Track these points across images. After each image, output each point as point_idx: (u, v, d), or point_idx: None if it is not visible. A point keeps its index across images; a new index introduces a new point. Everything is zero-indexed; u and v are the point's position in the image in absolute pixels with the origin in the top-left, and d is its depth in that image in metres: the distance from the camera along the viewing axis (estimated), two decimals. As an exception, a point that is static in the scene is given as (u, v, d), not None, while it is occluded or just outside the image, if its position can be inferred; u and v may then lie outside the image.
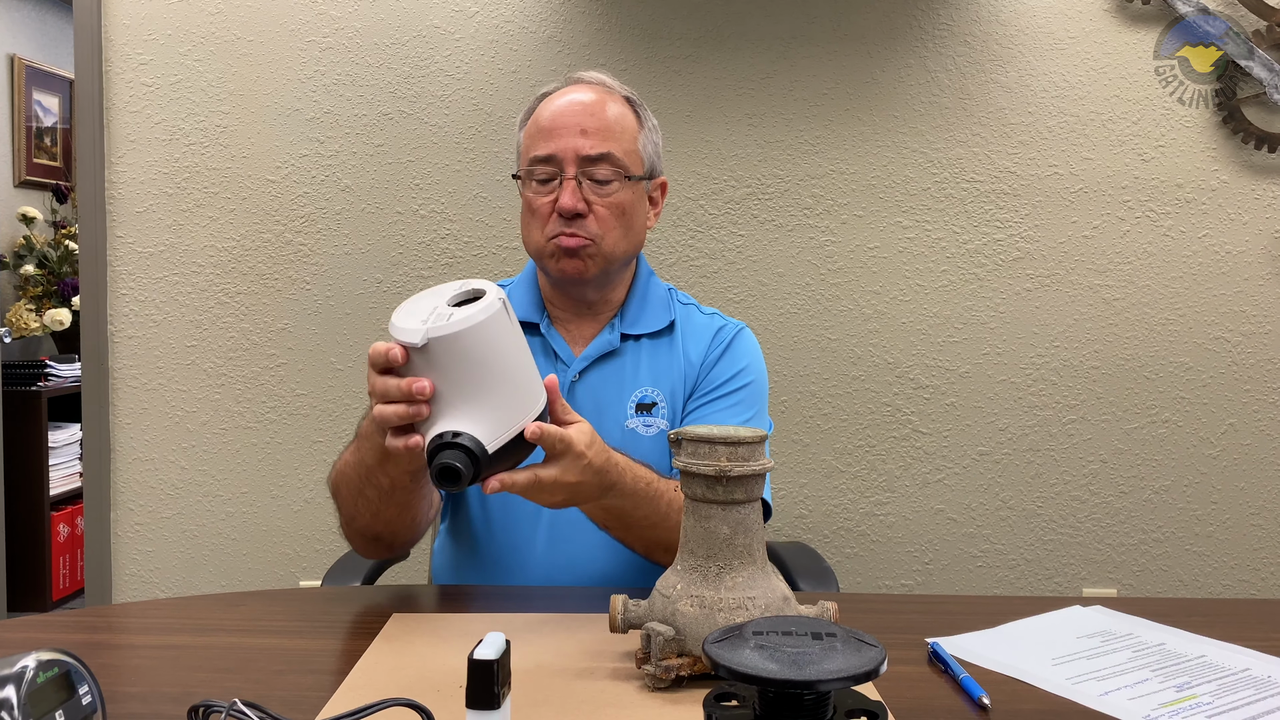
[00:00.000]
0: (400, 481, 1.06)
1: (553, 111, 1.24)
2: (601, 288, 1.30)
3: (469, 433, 0.87)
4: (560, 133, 1.22)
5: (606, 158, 1.22)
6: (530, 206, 1.25)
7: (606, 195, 1.23)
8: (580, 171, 1.22)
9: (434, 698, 0.85)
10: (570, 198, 1.21)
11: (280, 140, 2.02)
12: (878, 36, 1.99)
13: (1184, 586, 2.04)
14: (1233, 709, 0.86)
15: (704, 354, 1.31)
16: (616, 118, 1.25)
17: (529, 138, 1.26)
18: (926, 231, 2.01)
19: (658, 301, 1.33)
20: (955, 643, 1.01)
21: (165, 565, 2.07)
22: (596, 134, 1.22)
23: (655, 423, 1.27)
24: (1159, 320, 2.01)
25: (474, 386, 0.89)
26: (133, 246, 2.04)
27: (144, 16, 2.01)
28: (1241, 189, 1.99)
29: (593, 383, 1.28)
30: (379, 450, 1.01)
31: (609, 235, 1.23)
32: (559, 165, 1.22)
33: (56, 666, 0.67)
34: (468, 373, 0.89)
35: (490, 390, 0.89)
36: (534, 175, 1.24)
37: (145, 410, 2.05)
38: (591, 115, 1.23)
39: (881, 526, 2.05)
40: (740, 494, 0.89)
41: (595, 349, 1.29)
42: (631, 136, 1.26)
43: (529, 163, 1.24)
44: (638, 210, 1.27)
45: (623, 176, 1.23)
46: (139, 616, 1.11)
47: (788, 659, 0.66)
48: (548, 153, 1.22)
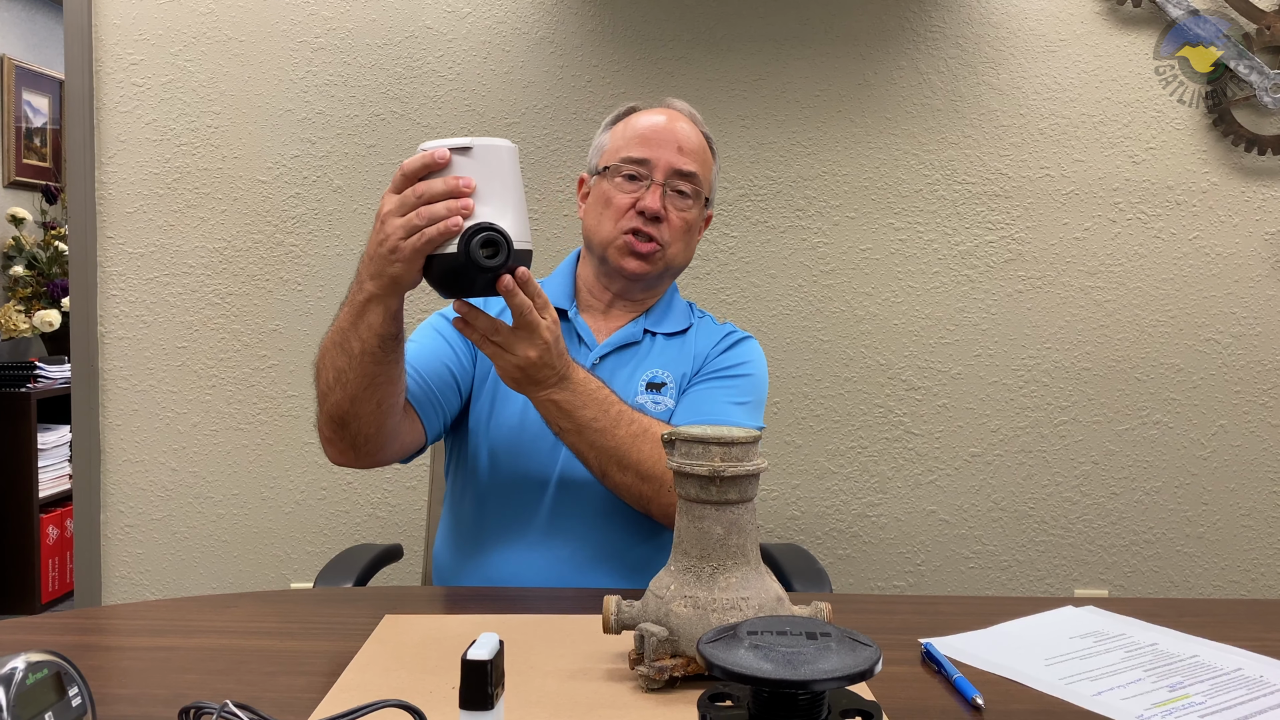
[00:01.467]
0: (369, 345, 1.10)
1: (653, 123, 1.35)
2: (648, 289, 1.40)
3: (501, 225, 1.00)
4: (659, 144, 1.33)
5: (693, 178, 1.34)
6: (609, 199, 1.34)
7: (683, 210, 1.34)
8: (667, 182, 1.32)
9: (427, 699, 0.84)
10: (655, 200, 1.31)
11: (272, 141, 2.02)
12: (870, 39, 2.00)
13: (1175, 587, 2.05)
14: (1225, 709, 0.86)
15: (711, 346, 1.41)
16: (703, 147, 1.38)
17: (623, 139, 1.36)
18: (918, 233, 2.01)
19: (680, 310, 1.44)
20: (948, 643, 1.01)
21: (156, 567, 2.06)
22: (690, 155, 1.34)
23: (663, 400, 1.34)
24: (1150, 322, 2.02)
25: (504, 194, 1.02)
26: (123, 247, 2.03)
27: (135, 16, 2.00)
28: (1232, 191, 2.00)
29: (610, 365, 1.36)
30: (357, 307, 1.08)
31: (675, 245, 1.35)
32: (651, 170, 1.32)
33: (46, 668, 0.66)
34: (502, 181, 1.02)
35: (515, 204, 1.03)
36: (622, 172, 1.33)
37: (135, 412, 2.04)
38: (688, 138, 1.35)
39: (874, 528, 2.05)
40: (734, 494, 0.89)
41: (619, 338, 1.37)
42: (709, 168, 1.39)
43: (623, 160, 1.34)
44: (696, 230, 1.40)
45: (700, 196, 1.36)
46: (129, 618, 1.11)
47: (782, 659, 0.66)
48: (644, 156, 1.32)
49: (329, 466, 2.04)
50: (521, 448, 1.30)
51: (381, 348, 1.11)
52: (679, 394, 1.35)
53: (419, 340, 1.34)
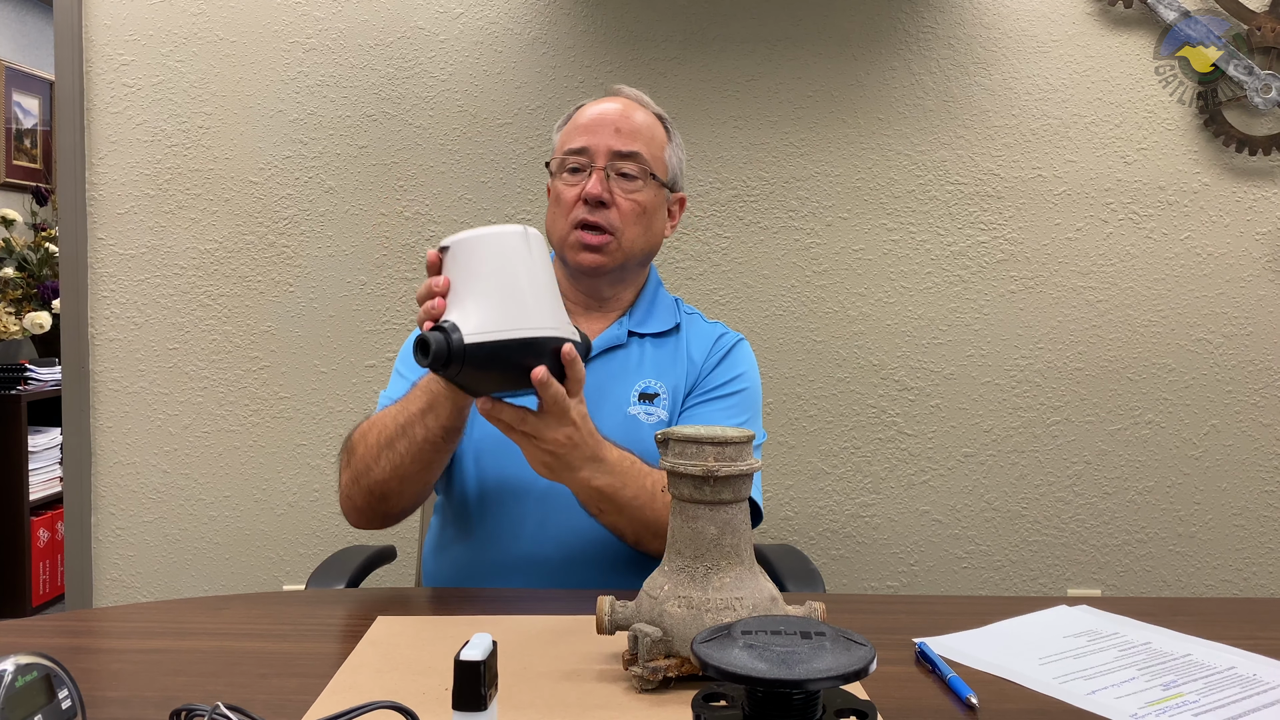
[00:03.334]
0: (434, 435, 1.13)
1: (593, 113, 1.33)
2: (615, 284, 1.35)
3: (454, 322, 0.98)
4: (596, 129, 1.30)
5: (635, 156, 1.29)
6: (558, 196, 1.32)
7: (631, 192, 1.30)
8: (609, 165, 1.29)
9: (420, 700, 0.84)
10: (597, 184, 1.28)
11: (263, 142, 2.01)
12: (862, 39, 2.00)
13: (1167, 586, 2.05)
14: (1219, 707, 0.86)
15: (704, 356, 1.37)
16: (648, 125, 1.33)
17: (565, 135, 1.34)
18: (911, 234, 2.02)
19: (665, 307, 1.40)
20: (942, 643, 1.01)
21: (147, 570, 2.05)
22: (629, 134, 1.30)
23: (656, 412, 1.32)
24: (1142, 322, 2.03)
25: (472, 288, 1.00)
26: (114, 248, 2.02)
27: (125, 17, 1.99)
28: (1223, 191, 2.00)
29: (597, 371, 1.31)
30: (427, 396, 1.11)
31: (629, 230, 1.30)
32: (590, 157, 1.29)
33: (35, 670, 0.66)
34: (471, 275, 1.00)
35: (485, 294, 1.00)
36: (565, 165, 1.31)
37: (127, 414, 2.04)
38: (626, 119, 1.31)
39: (867, 528, 2.05)
40: (728, 494, 0.89)
41: (603, 341, 1.34)
42: (660, 145, 1.34)
43: (565, 153, 1.32)
44: (658, 213, 1.34)
45: (648, 175, 1.31)
46: (120, 620, 1.10)
47: (776, 658, 0.66)
48: (581, 145, 1.30)
49: (321, 468, 2.03)
50: (509, 451, 1.27)
51: (445, 439, 1.14)
52: (675, 408, 1.33)
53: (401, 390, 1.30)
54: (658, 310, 1.38)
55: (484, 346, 0.97)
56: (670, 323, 1.37)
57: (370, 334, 2.02)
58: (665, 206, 1.37)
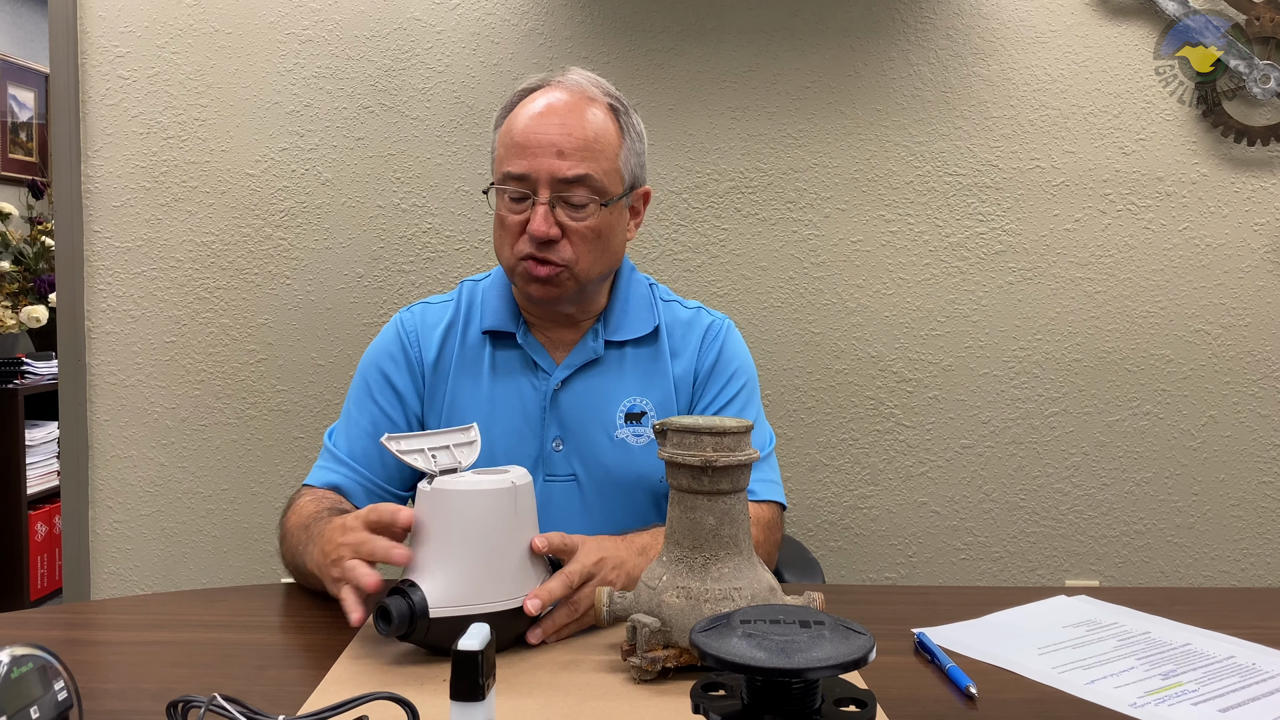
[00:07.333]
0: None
1: (528, 123, 1.17)
2: (578, 302, 1.25)
3: (423, 590, 0.89)
4: (535, 151, 1.15)
5: (584, 180, 1.15)
6: (502, 222, 1.20)
7: (582, 220, 1.17)
8: (555, 195, 1.15)
9: (418, 691, 0.84)
10: (542, 223, 1.14)
11: (259, 134, 2.00)
12: (860, 30, 1.99)
13: (1165, 577, 2.05)
14: (1218, 695, 0.86)
15: (694, 361, 1.29)
16: (596, 133, 1.17)
17: (504, 147, 1.19)
18: (909, 225, 2.01)
19: (640, 305, 1.29)
20: (941, 633, 1.01)
21: (144, 564, 2.05)
22: (574, 154, 1.15)
23: (645, 432, 1.25)
24: (1140, 313, 2.02)
25: (444, 548, 0.92)
26: (110, 242, 2.01)
27: (120, 9, 1.99)
28: (1222, 182, 2.00)
29: (577, 392, 1.25)
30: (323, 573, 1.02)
31: (583, 259, 1.18)
32: (532, 187, 1.16)
33: (31, 661, 0.66)
34: (447, 529, 0.92)
35: (458, 559, 0.92)
36: (506, 191, 1.18)
37: (123, 407, 2.03)
38: (569, 133, 1.15)
39: (865, 520, 2.05)
40: (726, 484, 0.88)
41: (578, 357, 1.25)
42: (612, 153, 1.18)
43: (501, 178, 1.18)
44: (616, 230, 1.22)
45: (601, 196, 1.17)
46: (117, 613, 1.10)
47: (775, 647, 0.65)
48: (521, 171, 1.16)
49: (319, 461, 2.03)
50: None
51: None
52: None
53: (353, 435, 1.23)
54: (633, 311, 1.28)
55: (449, 622, 0.89)
56: (648, 325, 1.28)
57: (367, 326, 2.01)
58: (625, 213, 1.24)
